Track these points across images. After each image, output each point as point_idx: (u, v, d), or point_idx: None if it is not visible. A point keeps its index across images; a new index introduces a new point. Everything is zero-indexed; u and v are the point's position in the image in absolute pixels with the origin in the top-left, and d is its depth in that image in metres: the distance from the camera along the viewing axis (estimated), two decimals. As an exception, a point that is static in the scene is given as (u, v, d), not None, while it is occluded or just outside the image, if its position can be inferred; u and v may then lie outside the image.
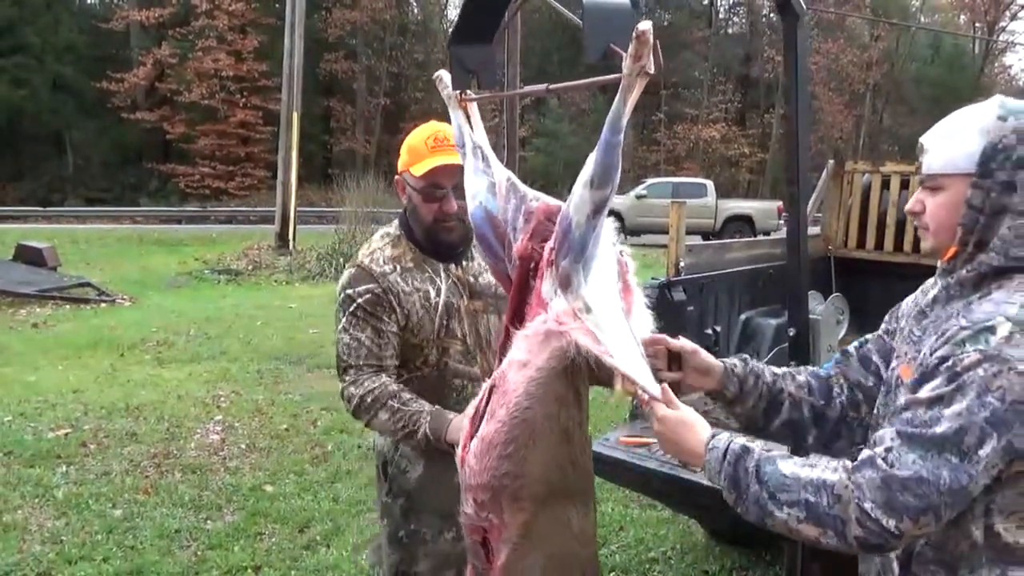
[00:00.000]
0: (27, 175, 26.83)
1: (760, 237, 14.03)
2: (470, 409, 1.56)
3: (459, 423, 1.64)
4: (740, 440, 1.21)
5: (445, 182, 1.84)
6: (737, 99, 34.83)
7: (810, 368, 1.47)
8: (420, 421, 1.76)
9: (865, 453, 1.11)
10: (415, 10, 34.05)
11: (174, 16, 27.27)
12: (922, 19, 37.92)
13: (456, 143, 1.62)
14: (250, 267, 13.86)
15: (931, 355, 1.12)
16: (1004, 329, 1.07)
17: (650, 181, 21.04)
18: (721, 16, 37.35)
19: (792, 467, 1.14)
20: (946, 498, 1.05)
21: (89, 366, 6.76)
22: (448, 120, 1.67)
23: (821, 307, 3.55)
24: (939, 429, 1.05)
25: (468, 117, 1.61)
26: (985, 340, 1.07)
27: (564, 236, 1.28)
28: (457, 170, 1.83)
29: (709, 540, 3.66)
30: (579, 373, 1.33)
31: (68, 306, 9.84)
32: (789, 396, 1.41)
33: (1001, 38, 37.88)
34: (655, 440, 2.88)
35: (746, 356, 1.45)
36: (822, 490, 1.09)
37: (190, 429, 5.10)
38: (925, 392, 1.08)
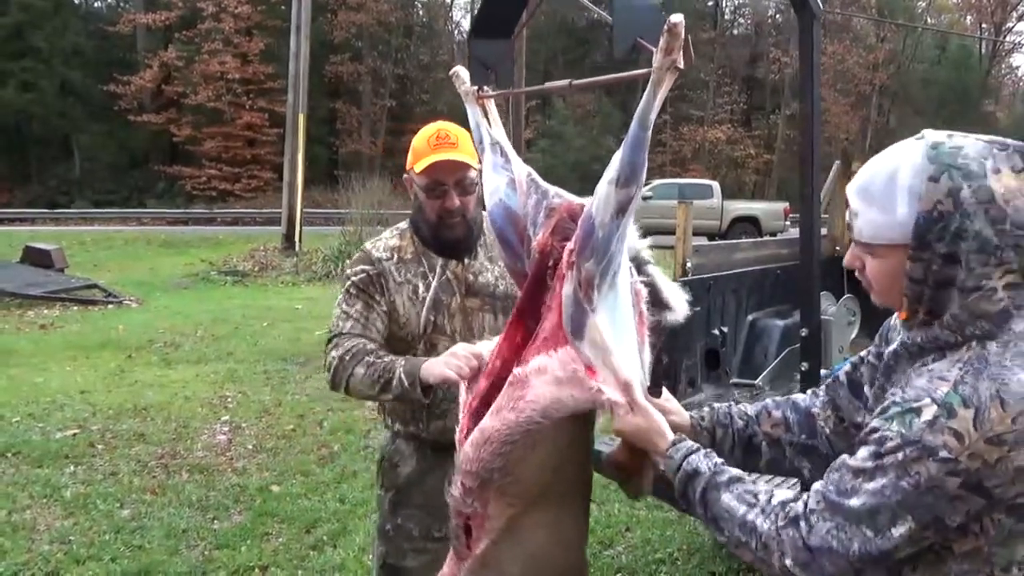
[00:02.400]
0: (35, 178, 26.98)
1: (767, 238, 14.00)
2: (443, 357, 1.58)
3: (433, 364, 1.64)
4: (694, 459, 1.21)
5: (446, 178, 1.86)
6: (743, 100, 34.79)
7: (791, 398, 1.41)
8: (394, 367, 1.75)
9: (795, 508, 1.10)
10: (420, 12, 34.14)
11: (180, 19, 27.39)
12: (928, 20, 37.83)
13: (474, 140, 1.61)
14: (256, 268, 13.89)
15: (871, 421, 1.10)
16: (929, 413, 1.01)
17: (656, 182, 21.00)
18: (727, 17, 37.35)
19: (733, 501, 1.15)
20: (859, 565, 1.05)
21: (97, 367, 6.78)
22: (457, 118, 1.67)
23: (833, 308, 3.55)
24: (855, 502, 1.04)
25: (486, 113, 1.61)
26: (909, 423, 1.02)
27: (587, 237, 1.25)
28: (458, 167, 1.85)
29: (716, 541, 3.65)
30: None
31: (76, 308, 9.88)
32: (765, 436, 1.38)
33: (1008, 39, 37.75)
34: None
35: (714, 405, 1.43)
36: (753, 534, 1.12)
37: (197, 430, 5.11)
38: (853, 460, 1.07)
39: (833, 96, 31.38)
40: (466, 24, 35.48)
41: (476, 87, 1.60)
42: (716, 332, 3.29)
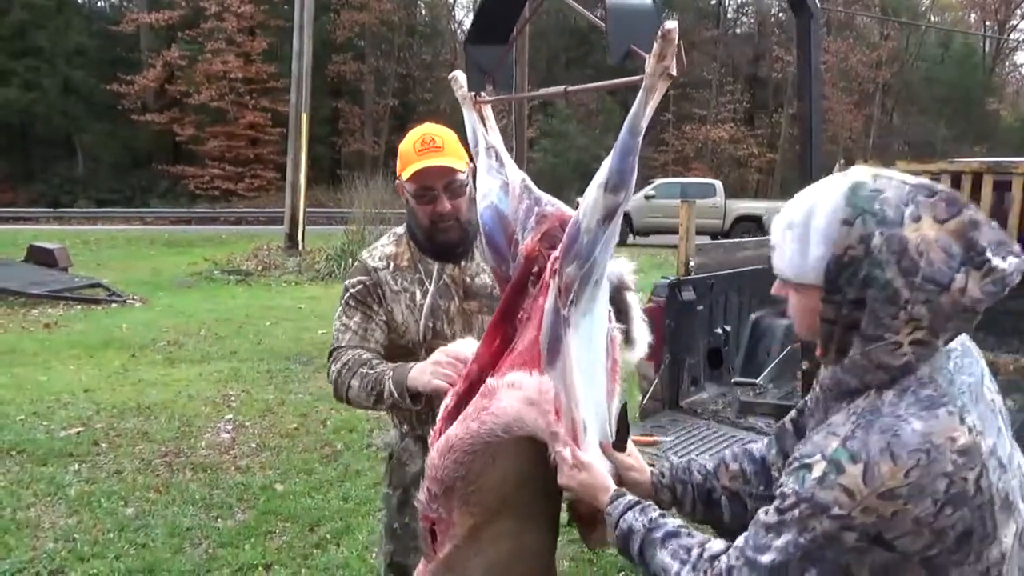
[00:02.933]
0: (38, 177, 27.02)
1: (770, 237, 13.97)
2: (432, 366, 1.60)
3: (419, 372, 1.65)
4: (629, 516, 1.23)
5: (434, 183, 1.85)
6: (746, 99, 34.73)
7: (748, 448, 1.41)
8: (383, 378, 1.75)
9: (721, 563, 1.11)
10: (423, 11, 34.14)
11: (183, 18, 27.42)
12: (932, 18, 37.74)
13: (470, 144, 1.62)
14: (259, 268, 13.91)
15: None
16: (818, 469, 1.00)
17: (658, 181, 21.00)
18: (729, 16, 37.30)
19: (667, 557, 1.16)
20: None
21: (101, 366, 6.80)
22: (459, 117, 1.67)
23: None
24: (766, 559, 1.05)
25: (483, 118, 1.61)
26: (802, 479, 1.02)
27: (572, 241, 1.26)
28: (446, 171, 1.84)
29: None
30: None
31: (79, 306, 9.90)
32: (724, 490, 1.38)
33: (1012, 37, 37.64)
34: (665, 439, 2.89)
35: (673, 460, 1.46)
36: None
37: (201, 428, 5.13)
38: (764, 516, 1.08)
39: (836, 94, 31.32)
40: (468, 24, 35.49)
41: (473, 92, 1.61)
42: (719, 331, 3.30)
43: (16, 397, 5.71)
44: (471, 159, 1.89)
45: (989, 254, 0.99)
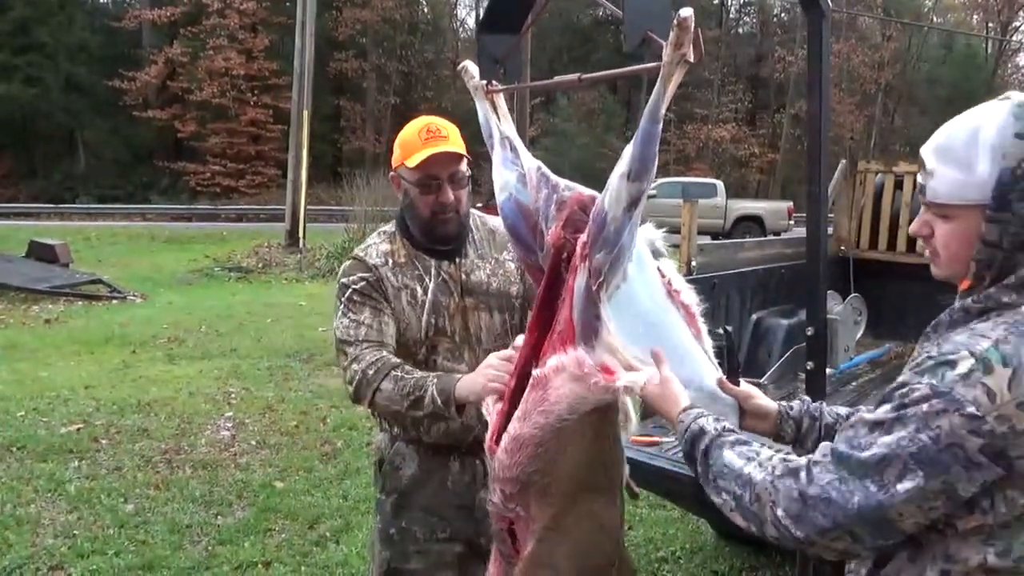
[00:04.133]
0: (39, 173, 27.04)
1: (771, 237, 13.98)
2: (479, 373, 1.57)
3: (470, 382, 1.61)
4: (701, 420, 1.20)
5: (440, 172, 1.82)
6: (747, 99, 34.71)
7: None
8: (426, 384, 1.69)
9: (799, 460, 1.07)
10: (425, 9, 34.10)
11: (186, 15, 27.40)
12: (934, 19, 37.69)
13: (484, 135, 1.61)
14: (260, 265, 13.91)
15: (898, 379, 1.06)
16: (964, 366, 0.97)
17: (660, 181, 20.96)
18: (732, 16, 37.25)
19: (733, 456, 1.13)
20: (856, 522, 1.00)
21: (101, 362, 6.80)
22: (461, 115, 1.67)
23: (839, 307, 3.54)
24: (866, 454, 1.00)
25: (495, 108, 1.60)
26: (941, 375, 0.98)
27: (599, 230, 1.27)
28: (452, 159, 1.82)
29: (718, 540, 3.65)
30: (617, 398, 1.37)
31: (80, 303, 9.90)
32: None
33: (1015, 38, 37.60)
34: (666, 439, 2.87)
35: (806, 398, 1.42)
36: (748, 486, 1.09)
37: (201, 425, 5.12)
38: (871, 414, 1.04)
39: (838, 95, 31.30)
40: (471, 22, 35.48)
41: (485, 81, 1.60)
42: (721, 331, 3.28)
43: (16, 393, 5.71)
44: (469, 158, 1.88)
45: None
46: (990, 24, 37.65)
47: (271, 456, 4.62)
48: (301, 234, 15.11)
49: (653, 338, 1.35)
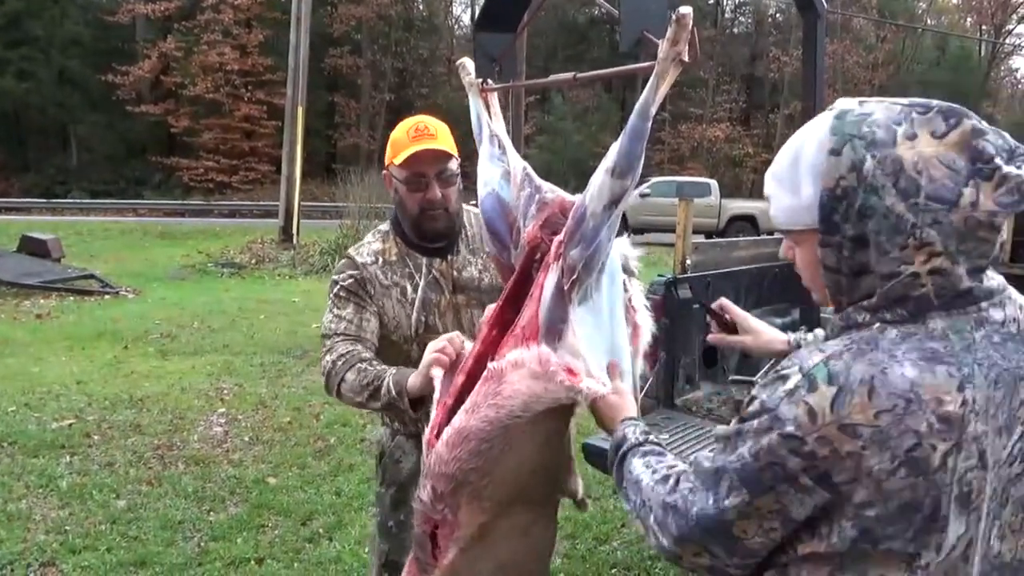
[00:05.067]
0: (32, 167, 26.91)
1: (765, 236, 14.03)
2: (423, 363, 1.53)
3: (418, 375, 1.58)
4: (628, 428, 1.20)
5: (427, 170, 1.84)
6: (742, 99, 34.77)
7: None
8: (384, 376, 1.70)
9: (678, 468, 1.07)
10: (420, 6, 34.04)
11: (180, 10, 27.28)
12: (928, 21, 37.83)
13: (474, 131, 1.62)
14: (253, 261, 13.88)
15: None
16: (792, 381, 0.92)
17: (654, 180, 21.00)
18: (727, 16, 37.31)
19: (640, 465, 1.12)
20: (698, 533, 0.99)
21: (93, 358, 6.77)
22: (455, 113, 1.67)
23: (830, 306, 3.54)
24: (707, 466, 1.00)
25: (488, 106, 1.61)
26: (773, 390, 0.94)
27: (577, 225, 1.26)
28: (440, 157, 1.82)
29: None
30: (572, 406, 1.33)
31: (72, 298, 9.86)
32: None
33: (1008, 41, 37.76)
34: (659, 437, 2.88)
35: (820, 331, 1.40)
36: (639, 493, 1.09)
37: (193, 421, 5.11)
38: (723, 427, 1.03)
39: (833, 95, 31.23)
40: (466, 19, 35.42)
41: (480, 79, 1.61)
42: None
43: (7, 388, 5.68)
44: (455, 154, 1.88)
45: (999, 161, 0.90)
46: (983, 27, 37.81)
47: (264, 452, 4.61)
48: (295, 230, 15.08)
49: (606, 351, 1.34)
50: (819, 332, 1.41)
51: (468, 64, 1.64)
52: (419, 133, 1.83)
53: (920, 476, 0.88)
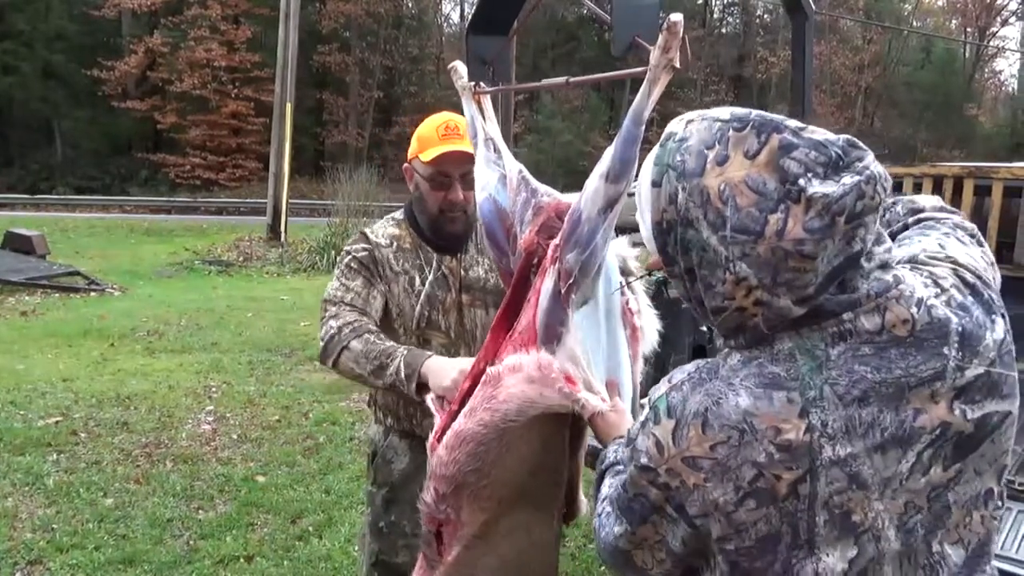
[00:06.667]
0: (16, 162, 26.61)
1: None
2: (452, 366, 1.54)
3: (440, 369, 1.58)
4: (611, 448, 1.20)
5: (452, 170, 1.84)
6: (730, 99, 34.89)
7: None
8: (396, 353, 1.67)
9: (605, 492, 1.09)
10: (409, 3, 33.94)
11: (167, 5, 27.05)
12: (914, 23, 38.12)
13: (469, 135, 1.62)
14: (241, 259, 13.82)
15: None
16: (644, 414, 0.93)
17: (642, 179, 21.02)
18: (715, 16, 37.45)
19: (605, 487, 1.11)
20: (608, 558, 1.03)
21: (79, 355, 6.72)
22: (445, 110, 1.68)
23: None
24: (601, 492, 1.04)
25: (481, 109, 1.62)
26: (638, 422, 0.95)
27: (572, 229, 1.27)
28: (466, 159, 1.82)
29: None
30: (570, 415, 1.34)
31: (57, 295, 9.78)
32: None
33: (992, 43, 38.12)
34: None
35: None
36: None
37: (181, 419, 5.09)
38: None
39: (819, 97, 31.56)
40: (455, 17, 35.36)
41: (473, 83, 1.61)
42: (704, 328, 3.32)
43: (-7, 385, 5.63)
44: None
45: (803, 181, 0.81)
46: (968, 29, 38.15)
47: (253, 450, 4.60)
48: (283, 228, 15.03)
49: (604, 359, 1.35)
50: None
51: (460, 68, 1.64)
52: (448, 132, 1.84)
53: (771, 506, 0.85)
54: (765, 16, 35.74)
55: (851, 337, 0.85)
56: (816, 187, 0.81)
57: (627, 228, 1.49)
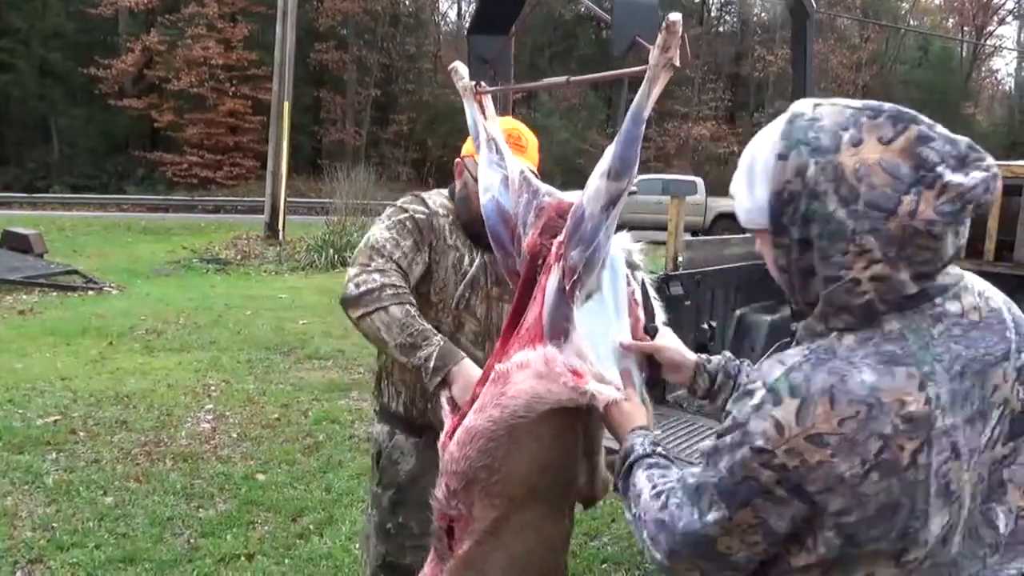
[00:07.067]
0: (12, 161, 26.53)
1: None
2: (473, 374, 1.55)
3: (468, 375, 1.58)
4: (636, 439, 1.21)
5: None
6: (727, 97, 34.96)
7: None
8: (433, 340, 1.64)
9: (669, 484, 1.09)
10: (407, 1, 33.90)
11: (163, 3, 27.03)
12: (911, 22, 38.17)
13: (471, 135, 1.62)
14: (239, 257, 13.80)
15: None
16: (757, 397, 0.94)
17: (640, 177, 21.02)
18: (713, 15, 37.47)
19: (643, 478, 1.13)
20: (684, 548, 1.01)
21: (78, 354, 6.70)
22: (441, 109, 1.68)
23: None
24: (691, 482, 1.03)
25: (482, 109, 1.61)
26: (741, 406, 0.97)
27: (576, 227, 1.28)
28: None
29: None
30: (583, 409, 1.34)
31: (55, 293, 9.76)
32: None
33: (989, 42, 38.18)
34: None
35: (728, 353, 1.43)
36: (638, 506, 1.10)
37: (181, 418, 5.08)
38: (705, 443, 1.08)
39: (817, 95, 31.55)
40: (453, 15, 35.36)
41: (474, 83, 1.61)
42: (705, 326, 3.33)
43: (-9, 384, 5.62)
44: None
45: (941, 169, 0.90)
46: (965, 28, 38.21)
47: (252, 449, 4.60)
48: (281, 226, 15.01)
49: (612, 351, 1.35)
50: (728, 355, 1.44)
51: (461, 68, 1.64)
52: (512, 143, 1.83)
53: (893, 477, 0.90)
54: (762, 14, 35.77)
55: (944, 319, 0.95)
56: (951, 176, 0.90)
57: (628, 226, 1.49)
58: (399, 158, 29.40)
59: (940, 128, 0.94)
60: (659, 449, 1.20)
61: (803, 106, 0.99)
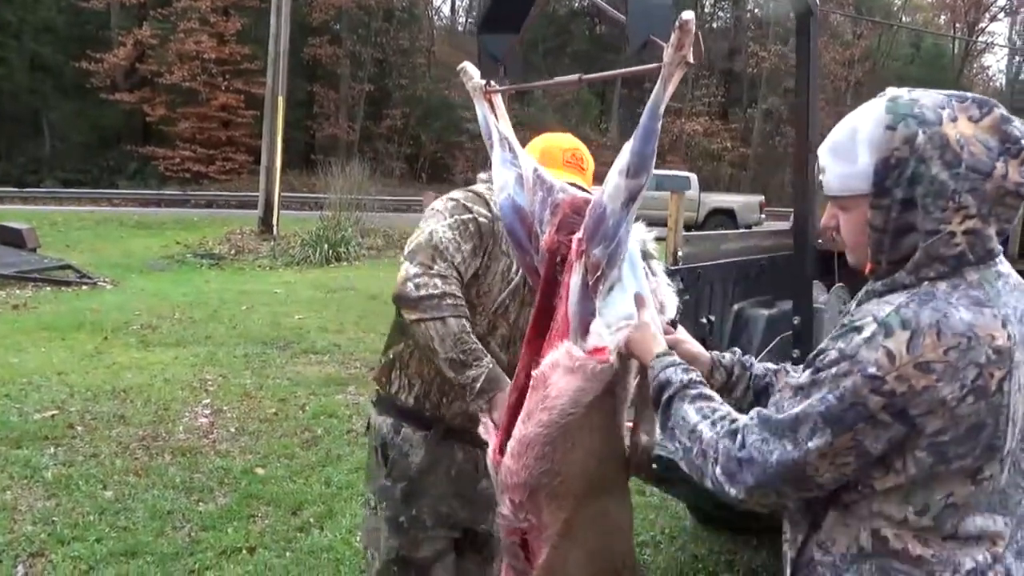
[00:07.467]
0: (3, 155, 26.36)
1: (753, 229, 14.17)
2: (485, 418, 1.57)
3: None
4: (670, 371, 1.25)
5: None
6: (720, 93, 35.00)
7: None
8: (483, 362, 1.64)
9: (740, 422, 1.15)
10: (401, -4, 33.80)
11: (155, -4, 26.86)
12: (904, 18, 38.28)
13: (483, 135, 1.63)
14: (233, 252, 13.77)
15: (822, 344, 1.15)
16: (868, 330, 1.06)
17: (634, 173, 21.05)
18: (706, 10, 37.46)
19: (691, 411, 1.19)
20: (775, 479, 1.09)
21: (73, 348, 6.69)
22: (434, 104, 1.68)
23: (824, 297, 3.61)
24: (783, 416, 1.10)
25: (493, 108, 1.62)
26: (849, 339, 1.08)
27: (597, 225, 1.30)
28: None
29: (697, 525, 3.73)
30: (619, 377, 1.36)
31: (49, 288, 9.72)
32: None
33: (980, 39, 38.33)
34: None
35: (737, 350, 1.48)
36: (697, 441, 1.17)
37: (178, 412, 5.08)
38: (794, 379, 1.13)
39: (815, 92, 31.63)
40: (446, 10, 35.27)
41: (484, 82, 1.62)
42: (704, 320, 3.35)
43: (-13, 379, 5.60)
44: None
45: None
46: (957, 25, 38.35)
47: (251, 443, 4.61)
48: (275, 221, 14.96)
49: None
50: (737, 351, 1.50)
51: (470, 68, 1.64)
52: (574, 161, 1.82)
53: (983, 400, 1.04)
54: (756, 10, 35.81)
55: (1001, 277, 1.12)
56: None
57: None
58: (393, 153, 29.31)
59: (1011, 113, 1.11)
60: (694, 376, 1.25)
61: (897, 91, 1.15)
